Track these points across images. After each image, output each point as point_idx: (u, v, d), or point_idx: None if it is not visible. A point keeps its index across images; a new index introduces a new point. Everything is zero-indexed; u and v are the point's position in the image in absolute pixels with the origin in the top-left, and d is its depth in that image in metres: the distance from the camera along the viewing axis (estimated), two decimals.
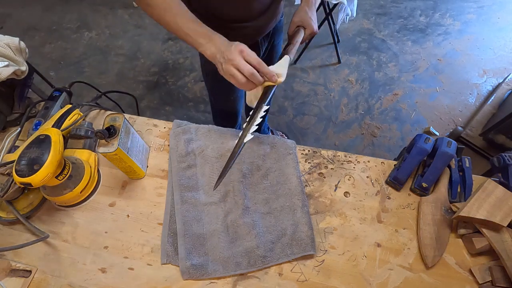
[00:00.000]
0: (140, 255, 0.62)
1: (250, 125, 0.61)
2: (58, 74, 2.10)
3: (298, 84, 2.01)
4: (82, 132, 0.70)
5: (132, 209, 0.67)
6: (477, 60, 2.11)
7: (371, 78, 2.03)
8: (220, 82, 1.00)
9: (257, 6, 0.77)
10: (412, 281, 0.60)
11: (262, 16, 0.81)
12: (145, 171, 0.72)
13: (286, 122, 1.84)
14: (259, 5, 0.77)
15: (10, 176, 0.60)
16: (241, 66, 0.56)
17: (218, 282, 0.59)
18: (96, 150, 0.72)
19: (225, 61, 0.58)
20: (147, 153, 0.75)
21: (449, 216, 0.64)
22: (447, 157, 0.66)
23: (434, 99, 1.92)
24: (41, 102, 0.79)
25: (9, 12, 2.49)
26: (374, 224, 0.66)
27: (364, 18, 2.40)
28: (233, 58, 0.56)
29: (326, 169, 0.74)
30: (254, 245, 0.61)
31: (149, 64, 2.13)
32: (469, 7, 2.46)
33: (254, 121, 0.61)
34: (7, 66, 0.68)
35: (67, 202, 0.66)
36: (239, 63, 0.56)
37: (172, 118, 1.70)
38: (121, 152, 0.60)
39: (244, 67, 0.56)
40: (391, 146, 1.73)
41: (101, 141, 0.60)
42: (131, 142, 0.66)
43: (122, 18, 2.44)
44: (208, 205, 0.66)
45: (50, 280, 0.59)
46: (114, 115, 0.64)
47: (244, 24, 0.79)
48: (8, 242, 0.63)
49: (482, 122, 1.69)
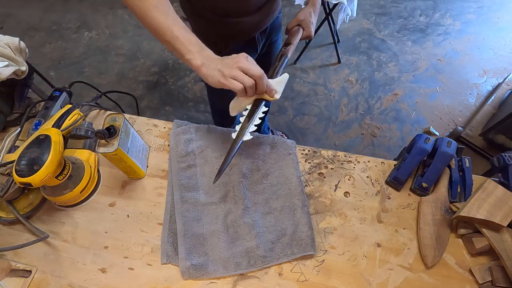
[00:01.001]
0: (140, 255, 0.62)
1: (248, 123, 0.61)
2: (58, 74, 2.10)
3: (298, 84, 2.01)
4: (82, 132, 0.70)
5: (132, 209, 0.67)
6: (477, 60, 2.11)
7: (371, 78, 2.03)
8: None
9: (254, 1, 0.77)
10: (412, 281, 0.60)
11: (258, 11, 0.80)
12: (145, 171, 0.72)
13: (286, 122, 1.84)
14: (256, 0, 0.77)
15: (10, 176, 0.60)
16: (249, 69, 0.54)
17: (218, 282, 0.59)
18: (96, 150, 0.72)
19: (227, 66, 0.55)
20: (147, 153, 0.75)
21: (449, 216, 0.64)
22: (447, 157, 0.66)
23: (434, 99, 1.92)
24: (41, 102, 0.79)
25: (9, 12, 2.49)
26: (374, 224, 0.66)
27: (364, 18, 2.40)
28: (240, 61, 0.55)
29: (326, 169, 0.74)
30: (254, 245, 0.61)
31: (149, 64, 2.13)
32: (469, 7, 2.46)
33: (252, 120, 0.61)
34: (7, 66, 0.68)
35: (67, 202, 0.66)
36: (248, 67, 0.54)
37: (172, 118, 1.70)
38: (121, 152, 0.60)
39: (252, 69, 0.54)
40: (391, 146, 1.73)
41: (101, 141, 0.60)
42: (131, 142, 0.66)
43: (122, 18, 2.44)
44: (208, 205, 0.66)
45: (50, 280, 0.59)
46: (114, 115, 0.64)
47: (240, 19, 0.79)
48: (8, 242, 0.63)
49: (482, 122, 1.69)
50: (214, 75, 0.55)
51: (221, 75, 0.55)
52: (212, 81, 0.56)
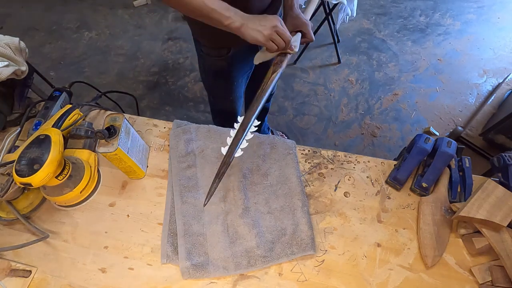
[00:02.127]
0: (140, 255, 0.62)
1: (240, 139, 0.59)
2: (58, 74, 2.10)
3: (298, 84, 2.01)
4: (82, 132, 0.70)
5: (132, 209, 0.67)
6: (477, 60, 2.11)
7: (371, 78, 2.03)
8: (219, 80, 0.98)
9: (256, 4, 0.77)
10: (412, 281, 0.60)
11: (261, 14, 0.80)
12: (145, 171, 0.72)
13: (286, 122, 1.84)
14: (258, 3, 0.77)
15: (10, 176, 0.60)
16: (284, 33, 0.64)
17: (218, 282, 0.59)
18: (96, 150, 0.72)
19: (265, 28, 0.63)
20: (147, 153, 0.75)
21: (449, 216, 0.64)
22: (447, 157, 0.66)
23: (434, 99, 1.92)
24: (41, 102, 0.79)
25: (9, 12, 2.49)
26: (374, 224, 0.66)
27: (364, 18, 2.40)
28: (277, 25, 0.64)
29: (326, 169, 0.74)
30: (254, 245, 0.61)
31: (149, 64, 2.13)
32: (469, 7, 2.46)
33: (245, 135, 0.60)
34: (7, 66, 0.68)
35: (67, 202, 0.66)
36: (283, 31, 0.64)
37: (172, 118, 1.70)
38: (121, 152, 0.60)
39: (285, 33, 0.65)
40: (391, 146, 1.73)
41: (101, 141, 0.60)
42: (131, 142, 0.66)
43: (122, 18, 2.44)
44: (208, 205, 0.66)
45: (50, 280, 0.59)
46: (114, 115, 0.64)
47: None
48: (8, 242, 0.63)
49: (482, 122, 1.68)
50: (254, 35, 0.63)
51: (261, 36, 0.63)
52: (251, 39, 0.64)
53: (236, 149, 0.58)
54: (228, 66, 0.91)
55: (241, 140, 0.59)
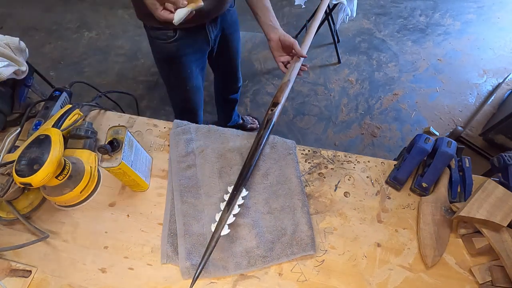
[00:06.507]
0: (140, 255, 0.62)
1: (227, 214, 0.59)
2: (58, 74, 2.10)
3: (298, 84, 2.01)
4: (82, 132, 0.70)
5: (132, 209, 0.67)
6: (477, 60, 2.11)
7: (371, 78, 2.03)
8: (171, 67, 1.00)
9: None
10: (412, 281, 0.60)
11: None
12: (148, 184, 0.70)
13: (286, 122, 1.84)
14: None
15: (10, 176, 0.60)
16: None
17: (218, 282, 0.59)
18: (99, 164, 0.71)
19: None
20: (150, 164, 0.73)
21: (449, 216, 0.64)
22: (447, 157, 0.66)
23: (434, 99, 1.92)
24: (41, 102, 0.79)
25: (9, 12, 2.49)
26: (374, 224, 0.66)
27: (364, 18, 2.40)
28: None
29: (326, 169, 0.74)
30: (254, 245, 0.61)
31: (149, 64, 2.13)
32: (469, 7, 2.47)
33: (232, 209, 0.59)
34: (7, 66, 0.68)
35: (67, 202, 0.66)
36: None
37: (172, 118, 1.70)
38: (125, 166, 0.58)
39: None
40: (391, 146, 1.73)
41: (104, 156, 0.58)
42: (135, 154, 0.64)
43: (122, 18, 2.45)
44: (208, 205, 0.66)
45: (50, 280, 0.59)
46: (117, 127, 0.62)
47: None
48: (8, 242, 0.63)
49: (482, 122, 1.69)
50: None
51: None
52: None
53: (223, 225, 0.57)
54: (177, 50, 0.93)
55: (227, 216, 0.58)
